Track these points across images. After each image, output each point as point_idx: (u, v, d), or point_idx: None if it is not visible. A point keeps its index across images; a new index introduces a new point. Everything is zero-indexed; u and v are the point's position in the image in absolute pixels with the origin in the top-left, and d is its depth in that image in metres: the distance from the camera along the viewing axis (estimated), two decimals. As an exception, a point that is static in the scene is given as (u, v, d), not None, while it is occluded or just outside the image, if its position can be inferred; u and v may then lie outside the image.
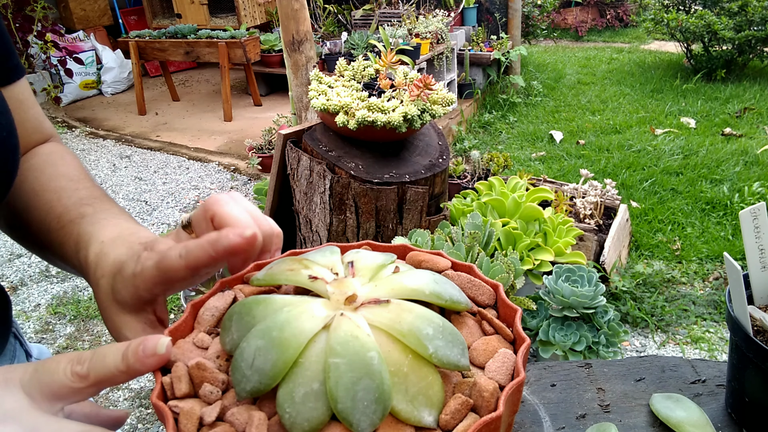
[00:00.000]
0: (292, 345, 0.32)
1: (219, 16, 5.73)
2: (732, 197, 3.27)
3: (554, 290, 1.87)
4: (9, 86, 0.59)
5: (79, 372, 0.35)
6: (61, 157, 0.61)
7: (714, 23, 5.03)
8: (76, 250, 0.50)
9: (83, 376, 0.35)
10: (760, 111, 4.62)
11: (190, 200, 3.70)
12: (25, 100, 0.61)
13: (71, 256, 0.51)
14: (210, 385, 0.33)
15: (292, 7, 2.89)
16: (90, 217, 0.51)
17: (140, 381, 2.24)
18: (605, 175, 3.62)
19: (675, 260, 2.80)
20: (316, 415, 0.30)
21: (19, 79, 0.60)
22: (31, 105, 0.62)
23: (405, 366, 0.32)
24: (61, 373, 0.35)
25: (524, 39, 6.10)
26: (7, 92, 0.58)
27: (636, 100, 5.12)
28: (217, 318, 0.39)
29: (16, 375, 0.35)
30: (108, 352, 0.35)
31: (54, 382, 0.35)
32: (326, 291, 0.36)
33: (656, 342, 2.31)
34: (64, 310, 2.65)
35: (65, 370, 0.35)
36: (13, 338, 0.63)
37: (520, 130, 4.62)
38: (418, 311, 0.34)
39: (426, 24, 4.38)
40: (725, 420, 0.57)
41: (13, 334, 0.63)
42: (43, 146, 0.63)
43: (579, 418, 0.58)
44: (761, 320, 0.53)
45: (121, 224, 0.50)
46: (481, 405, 0.33)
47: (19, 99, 0.60)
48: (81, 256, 0.49)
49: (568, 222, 2.24)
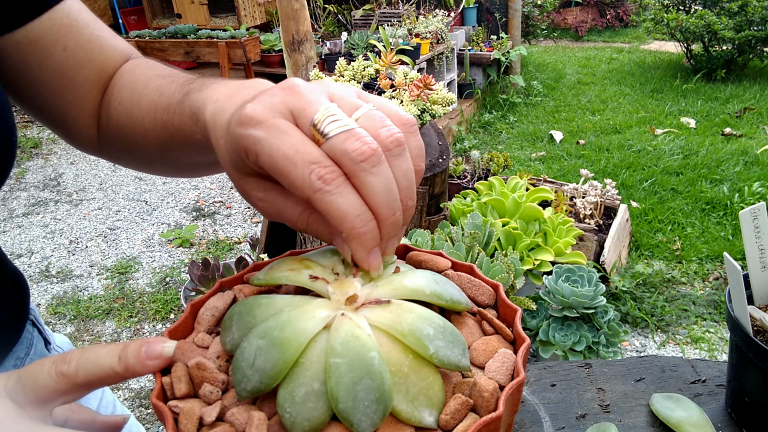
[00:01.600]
0: (293, 345, 0.32)
1: (219, 16, 5.73)
2: (732, 197, 3.27)
3: (554, 290, 1.87)
4: (48, 12, 0.52)
5: (65, 371, 0.34)
6: (145, 63, 0.57)
7: (714, 23, 5.03)
8: (194, 122, 0.45)
9: (70, 375, 0.34)
10: (760, 111, 4.62)
11: (190, 200, 3.71)
12: (74, 24, 0.54)
13: (193, 133, 0.46)
14: (210, 385, 0.33)
15: (292, 7, 2.89)
16: (197, 88, 0.46)
17: (140, 381, 2.24)
18: (605, 175, 3.62)
19: (675, 260, 2.80)
20: (316, 415, 0.30)
21: (57, 3, 0.53)
22: (84, 26, 0.55)
23: (405, 366, 0.32)
24: (45, 375, 0.34)
25: (524, 39, 6.10)
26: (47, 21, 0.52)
27: (636, 100, 5.12)
28: (217, 318, 0.39)
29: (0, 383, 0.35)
30: (101, 352, 0.34)
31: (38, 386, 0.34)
32: (327, 291, 0.36)
33: (656, 342, 2.31)
34: (64, 310, 2.65)
35: (49, 371, 0.34)
36: (30, 325, 0.62)
37: (520, 130, 4.61)
38: (419, 311, 0.34)
39: (426, 24, 4.38)
40: (725, 420, 0.57)
41: (30, 322, 0.63)
42: (123, 66, 0.58)
43: (579, 418, 0.58)
44: (761, 320, 0.53)
45: (234, 83, 0.45)
46: (481, 405, 0.33)
47: (66, 24, 0.53)
48: (200, 126, 0.44)
49: (568, 222, 2.24)
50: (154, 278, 2.89)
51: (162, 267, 2.98)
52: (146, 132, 0.52)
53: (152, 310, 2.63)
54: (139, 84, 0.54)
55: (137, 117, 0.53)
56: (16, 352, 0.59)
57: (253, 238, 2.62)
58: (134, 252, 3.14)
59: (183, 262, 3.01)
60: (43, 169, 4.24)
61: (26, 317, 0.62)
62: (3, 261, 0.58)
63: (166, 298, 2.70)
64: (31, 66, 0.53)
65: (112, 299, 2.73)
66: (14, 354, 0.58)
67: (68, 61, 0.54)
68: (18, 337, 0.59)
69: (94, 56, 0.56)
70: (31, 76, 0.53)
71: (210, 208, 3.59)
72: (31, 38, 0.51)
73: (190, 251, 3.12)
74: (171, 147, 0.51)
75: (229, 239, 3.21)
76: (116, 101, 0.56)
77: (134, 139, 0.55)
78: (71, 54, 0.54)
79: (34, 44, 0.52)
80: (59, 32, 0.53)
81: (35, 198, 3.81)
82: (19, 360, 0.59)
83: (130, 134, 0.55)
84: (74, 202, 3.75)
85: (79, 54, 0.54)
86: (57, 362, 0.34)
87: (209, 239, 3.22)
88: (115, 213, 3.59)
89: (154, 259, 3.06)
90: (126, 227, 3.41)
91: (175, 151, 0.51)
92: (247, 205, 3.58)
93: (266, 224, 2.36)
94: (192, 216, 3.50)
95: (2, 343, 0.57)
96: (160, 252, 3.13)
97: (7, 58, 0.52)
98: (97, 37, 0.56)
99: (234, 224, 3.38)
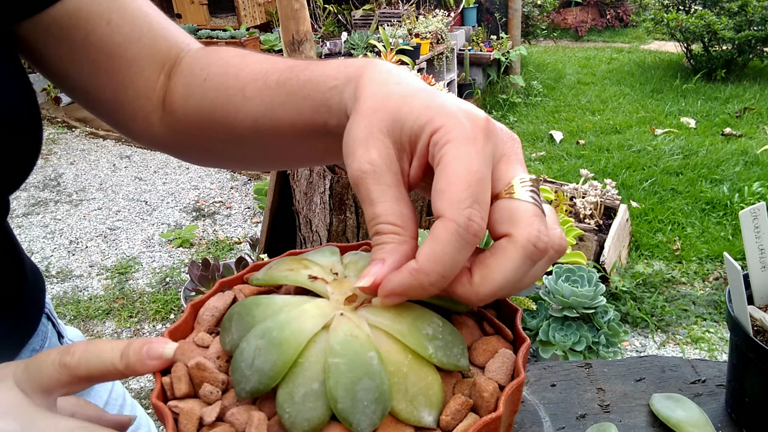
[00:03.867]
0: (292, 345, 0.32)
1: (219, 16, 5.74)
2: (732, 197, 3.27)
3: (554, 290, 1.87)
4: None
5: (68, 363, 0.34)
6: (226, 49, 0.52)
7: (714, 23, 5.03)
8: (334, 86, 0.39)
9: (72, 367, 0.34)
10: (760, 111, 4.62)
11: (190, 200, 3.71)
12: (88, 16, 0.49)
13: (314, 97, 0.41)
14: (210, 385, 0.33)
15: (292, 7, 2.89)
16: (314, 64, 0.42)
17: (140, 381, 2.24)
18: (605, 175, 3.62)
19: (675, 260, 2.80)
20: (316, 415, 0.30)
21: None
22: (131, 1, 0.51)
23: (405, 366, 0.32)
24: (49, 364, 0.34)
25: (524, 39, 6.10)
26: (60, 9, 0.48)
27: (636, 100, 5.12)
28: (217, 318, 0.39)
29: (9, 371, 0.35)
30: (105, 347, 0.35)
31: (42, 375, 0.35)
32: (326, 291, 0.36)
33: (656, 342, 2.31)
34: (64, 310, 2.65)
35: (53, 361, 0.34)
36: (45, 319, 0.63)
37: (520, 130, 4.61)
38: (418, 311, 0.34)
39: (426, 24, 4.38)
40: (725, 420, 0.57)
41: (46, 315, 0.63)
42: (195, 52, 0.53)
43: (579, 418, 0.58)
44: (761, 320, 0.53)
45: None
46: (481, 405, 0.33)
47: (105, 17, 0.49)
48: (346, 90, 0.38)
49: (568, 222, 2.24)
50: (154, 278, 2.89)
51: (162, 267, 2.98)
52: (245, 101, 0.47)
53: (152, 310, 2.63)
54: (233, 58, 0.49)
55: (233, 87, 0.47)
56: (31, 344, 0.59)
57: (253, 238, 2.62)
58: (134, 252, 3.14)
59: (183, 262, 3.01)
60: (43, 169, 4.24)
61: (42, 310, 0.62)
62: (21, 255, 0.59)
63: (166, 298, 2.70)
64: (76, 44, 0.49)
65: (112, 299, 2.73)
66: (30, 346, 0.59)
67: (114, 36, 0.50)
68: (34, 330, 0.60)
69: (143, 32, 0.51)
70: (77, 56, 0.50)
71: (210, 208, 3.59)
72: (71, 11, 0.49)
73: (190, 251, 3.12)
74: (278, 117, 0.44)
75: (229, 239, 3.21)
76: (199, 78, 0.51)
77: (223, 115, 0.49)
78: (116, 28, 0.50)
79: (74, 18, 0.49)
80: (102, 4, 0.50)
81: (35, 198, 3.81)
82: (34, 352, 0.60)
83: (218, 111, 0.49)
84: (74, 202, 3.75)
85: (126, 29, 0.51)
86: (62, 353, 0.35)
87: (209, 239, 3.22)
88: (115, 213, 3.59)
89: (154, 260, 3.06)
90: (126, 227, 3.41)
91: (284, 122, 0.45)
92: (247, 205, 3.58)
93: (266, 224, 2.36)
94: (192, 216, 3.50)
95: (19, 336, 0.58)
96: (160, 252, 3.13)
97: (50, 39, 0.49)
98: (145, 14, 0.52)
99: (234, 224, 3.38)
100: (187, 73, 0.52)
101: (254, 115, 0.46)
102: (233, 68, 0.49)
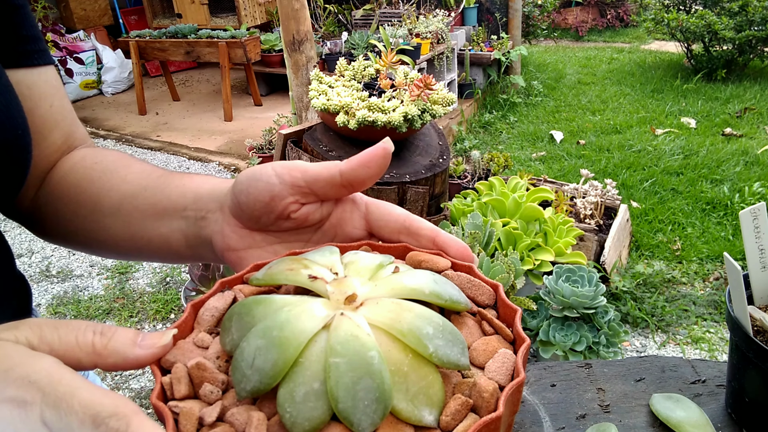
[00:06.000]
0: (293, 344, 0.32)
1: (219, 15, 5.74)
2: (732, 197, 3.27)
3: (554, 290, 1.87)
4: (43, 68, 0.57)
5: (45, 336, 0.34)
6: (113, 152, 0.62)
7: (714, 23, 5.03)
8: (182, 193, 0.51)
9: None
10: (760, 111, 4.62)
11: (191, 200, 3.71)
12: (59, 88, 0.59)
13: (179, 199, 0.51)
14: (210, 385, 0.33)
15: (292, 6, 2.89)
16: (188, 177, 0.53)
17: (140, 381, 2.24)
18: (605, 175, 3.62)
19: (675, 260, 2.80)
20: (316, 414, 0.30)
21: (48, 65, 0.57)
22: (64, 95, 0.60)
23: (405, 365, 0.32)
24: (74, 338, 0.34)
25: (524, 39, 6.10)
26: (43, 74, 0.57)
27: (636, 100, 5.12)
28: (217, 318, 0.39)
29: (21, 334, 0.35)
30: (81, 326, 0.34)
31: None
32: (326, 291, 0.36)
33: (656, 342, 2.31)
34: (65, 310, 2.65)
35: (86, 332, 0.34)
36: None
37: (521, 130, 4.62)
38: (418, 311, 0.34)
39: (426, 24, 4.38)
40: (725, 420, 0.57)
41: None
42: (88, 147, 0.61)
43: (579, 419, 0.58)
44: (761, 320, 0.53)
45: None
46: (481, 405, 0.33)
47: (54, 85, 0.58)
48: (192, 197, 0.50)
49: (568, 222, 2.24)
50: (155, 278, 2.89)
51: (162, 267, 2.98)
52: (122, 183, 0.54)
53: (152, 310, 2.63)
54: (118, 155, 0.58)
55: (117, 173, 0.55)
56: None
57: (254, 238, 2.62)
58: (134, 252, 3.14)
59: (183, 262, 3.01)
60: (44, 169, 4.24)
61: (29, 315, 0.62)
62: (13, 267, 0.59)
63: (167, 298, 2.70)
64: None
65: (112, 299, 2.73)
66: None
67: (49, 118, 0.58)
68: None
69: (66, 123, 0.60)
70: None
71: (210, 208, 3.59)
72: (30, 83, 0.56)
73: (191, 251, 3.12)
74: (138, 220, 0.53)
75: (229, 239, 3.21)
76: (88, 163, 0.58)
77: (96, 192, 0.56)
78: (54, 112, 0.58)
79: (28, 90, 0.56)
80: (49, 89, 0.58)
81: (36, 198, 3.81)
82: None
83: (94, 186, 0.56)
84: (74, 202, 3.75)
85: (58, 116, 0.59)
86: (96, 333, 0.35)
87: (209, 239, 3.22)
88: (116, 213, 3.59)
89: (154, 259, 3.06)
90: (126, 227, 3.41)
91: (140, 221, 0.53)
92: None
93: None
94: (192, 216, 3.50)
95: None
96: (160, 252, 3.13)
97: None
98: (69, 110, 0.61)
99: (234, 224, 3.38)
100: (86, 159, 0.58)
101: (131, 192, 0.54)
102: (121, 158, 0.57)
